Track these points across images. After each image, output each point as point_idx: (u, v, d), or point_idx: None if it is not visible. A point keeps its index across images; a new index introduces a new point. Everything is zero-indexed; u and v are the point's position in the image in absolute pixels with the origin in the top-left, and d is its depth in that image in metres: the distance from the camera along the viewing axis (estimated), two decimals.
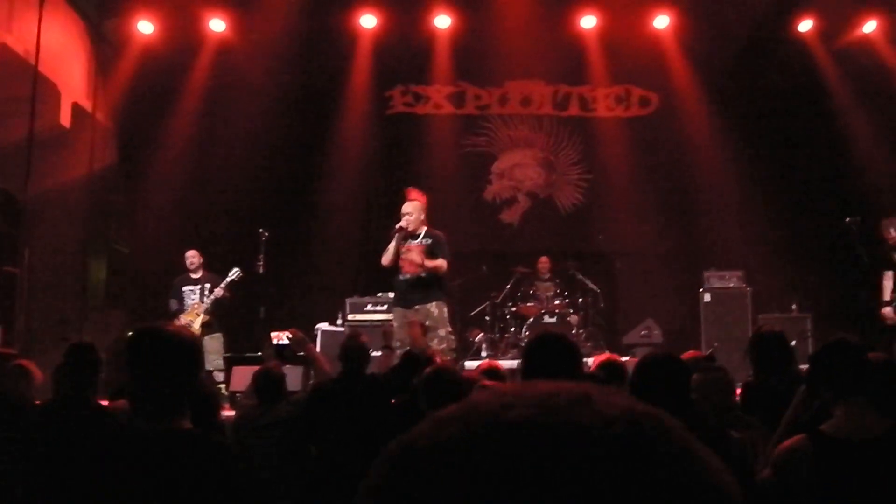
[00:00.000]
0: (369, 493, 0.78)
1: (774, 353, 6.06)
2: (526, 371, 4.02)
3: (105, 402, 6.21)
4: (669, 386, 4.20)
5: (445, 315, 10.33)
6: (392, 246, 10.30)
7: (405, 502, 0.75)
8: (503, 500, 0.71)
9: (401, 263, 10.34)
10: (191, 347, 3.28)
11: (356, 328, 11.95)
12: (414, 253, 10.20)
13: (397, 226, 10.28)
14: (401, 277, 10.34)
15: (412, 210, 10.33)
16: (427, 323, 9.97)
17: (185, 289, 12.50)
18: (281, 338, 11.43)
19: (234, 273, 12.23)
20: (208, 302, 12.25)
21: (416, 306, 10.18)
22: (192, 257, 12.57)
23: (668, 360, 4.39)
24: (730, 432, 4.55)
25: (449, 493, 0.73)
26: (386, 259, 10.31)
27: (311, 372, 9.90)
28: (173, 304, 12.48)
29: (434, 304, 10.18)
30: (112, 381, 10.95)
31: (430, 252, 10.28)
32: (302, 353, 8.16)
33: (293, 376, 9.99)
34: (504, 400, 0.78)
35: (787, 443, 4.00)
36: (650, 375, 4.30)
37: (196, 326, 11.90)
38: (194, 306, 12.33)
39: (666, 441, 0.77)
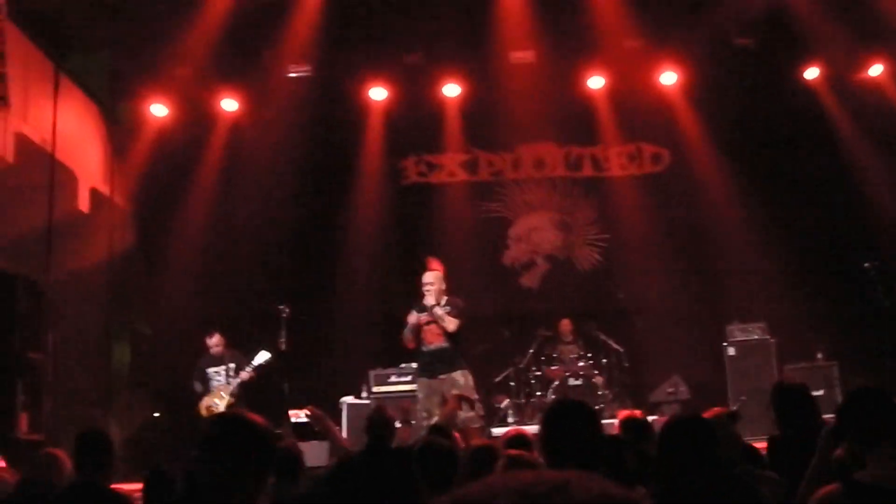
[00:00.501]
0: None
1: (797, 405, 6.01)
2: (546, 439, 3.99)
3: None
4: (696, 447, 4.19)
5: (471, 383, 10.39)
6: (412, 320, 10.47)
7: None
8: None
9: (423, 334, 10.44)
10: (267, 434, 3.30)
11: (381, 400, 11.95)
12: (438, 327, 10.31)
13: (423, 304, 10.43)
14: (424, 349, 10.43)
15: (433, 279, 10.47)
16: (453, 391, 9.92)
17: (209, 370, 12.53)
18: (299, 415, 11.41)
19: (262, 357, 12.23)
20: (234, 385, 12.25)
21: (442, 376, 10.27)
22: (215, 344, 12.59)
23: (693, 422, 4.39)
24: (760, 489, 4.51)
25: None
26: (409, 339, 10.50)
27: None
28: (198, 386, 12.50)
29: (459, 372, 10.28)
30: (133, 463, 10.98)
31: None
32: (319, 430, 8.11)
33: (319, 452, 9.98)
34: (491, 490, 0.83)
35: (823, 491, 3.99)
36: (676, 438, 4.29)
37: (222, 408, 11.89)
38: (220, 388, 12.33)
39: None
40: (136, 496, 6.38)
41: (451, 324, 10.33)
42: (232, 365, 12.44)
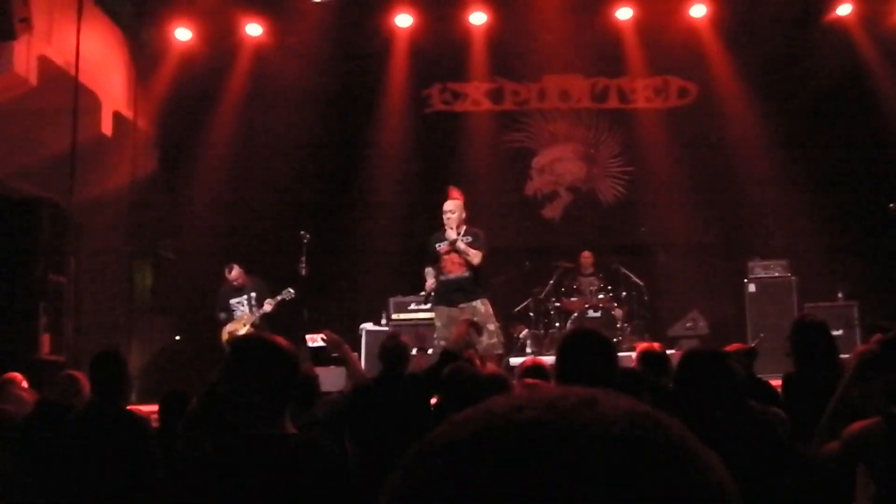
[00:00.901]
0: (389, 491, 0.83)
1: (817, 344, 5.95)
2: (561, 369, 4.00)
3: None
4: (713, 380, 4.21)
5: (490, 312, 10.45)
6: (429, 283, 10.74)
7: (421, 499, 0.80)
8: (510, 495, 0.76)
9: (443, 263, 10.52)
10: (290, 355, 3.42)
11: (398, 328, 12.02)
12: (459, 256, 10.35)
13: (448, 241, 10.47)
14: (444, 277, 10.50)
15: (454, 208, 10.46)
16: (474, 319, 9.76)
17: (232, 301, 12.63)
18: (315, 340, 11.48)
19: (287, 294, 12.33)
20: (257, 315, 12.36)
21: (462, 304, 10.32)
22: (235, 277, 12.66)
23: (710, 355, 4.41)
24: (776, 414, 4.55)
25: (461, 489, 0.78)
26: (429, 286, 10.77)
27: None
28: (221, 315, 12.62)
29: (479, 301, 10.35)
30: (153, 386, 11.11)
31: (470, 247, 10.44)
32: (336, 355, 8.16)
33: (335, 377, 10.04)
34: (516, 402, 0.83)
35: (859, 425, 4.04)
36: (693, 371, 4.31)
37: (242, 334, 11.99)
38: (242, 317, 12.45)
39: (664, 440, 0.81)
40: (154, 418, 6.46)
41: (476, 257, 10.34)
42: (253, 294, 12.55)
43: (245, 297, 12.58)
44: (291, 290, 12.34)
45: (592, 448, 0.78)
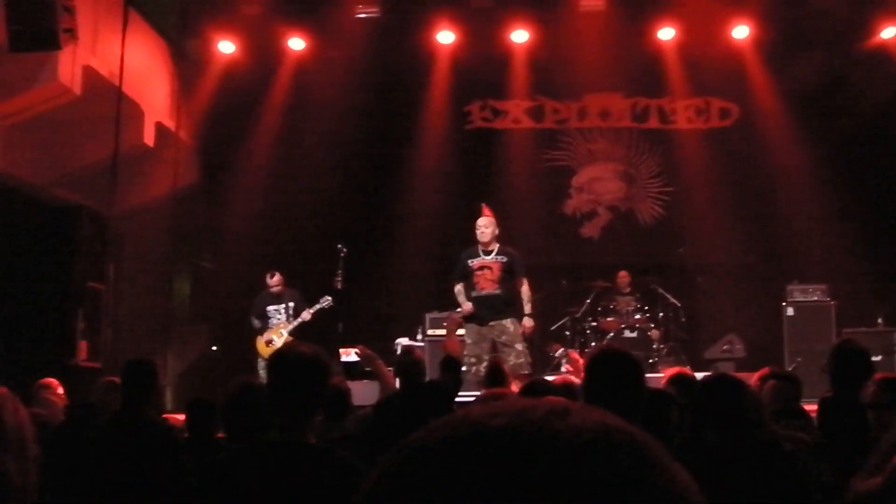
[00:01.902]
0: (361, 491, 0.85)
1: (856, 369, 5.85)
2: (588, 387, 3.99)
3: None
4: (728, 405, 4.19)
5: (520, 331, 10.47)
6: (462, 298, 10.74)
7: (394, 499, 0.81)
8: (475, 499, 0.77)
9: (475, 279, 10.58)
10: (322, 364, 3.53)
11: (434, 343, 12.14)
12: (491, 273, 10.50)
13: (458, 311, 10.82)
14: (476, 294, 10.55)
15: (487, 224, 10.64)
16: (503, 339, 10.24)
17: (269, 308, 12.68)
18: (349, 353, 11.55)
19: (325, 301, 12.39)
20: (295, 324, 12.41)
21: (491, 322, 10.39)
22: (275, 283, 12.74)
23: (723, 381, 4.40)
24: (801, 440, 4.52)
25: (427, 492, 0.79)
26: (465, 308, 10.69)
27: None
28: (256, 322, 12.68)
29: (509, 320, 10.42)
30: (189, 395, 11.18)
31: (507, 270, 10.58)
32: (370, 370, 8.30)
33: (368, 391, 10.06)
34: (490, 410, 0.85)
35: None
36: (709, 395, 4.31)
37: (279, 344, 12.03)
38: (279, 325, 12.51)
39: (632, 453, 0.81)
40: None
41: (528, 294, 10.68)
42: (291, 304, 12.61)
43: (283, 305, 12.65)
44: (329, 298, 12.40)
45: (559, 456, 0.79)
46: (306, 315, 12.40)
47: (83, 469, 5.27)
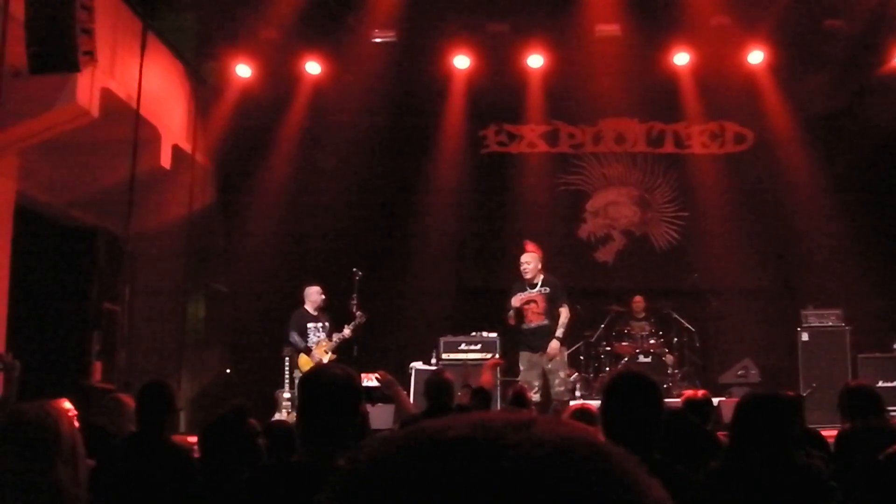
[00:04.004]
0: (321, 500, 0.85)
1: (865, 407, 6.19)
2: (606, 410, 3.99)
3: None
4: (773, 425, 4.17)
5: (566, 359, 11.64)
6: (512, 312, 11.46)
7: None
8: None
9: (524, 313, 11.42)
10: (355, 387, 3.54)
11: (449, 368, 12.06)
12: (537, 306, 11.36)
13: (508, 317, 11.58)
14: (526, 326, 11.41)
15: (530, 260, 11.50)
16: (549, 366, 11.24)
17: (309, 325, 12.53)
18: (370, 379, 11.54)
19: (360, 317, 12.38)
20: (336, 341, 12.34)
21: (541, 351, 11.27)
22: (322, 294, 12.66)
23: (772, 399, 4.37)
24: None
25: (381, 501, 0.79)
26: (510, 320, 11.50)
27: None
28: (294, 336, 12.41)
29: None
30: (202, 417, 11.16)
31: (551, 300, 11.42)
32: (388, 394, 8.28)
33: (384, 414, 10.09)
34: (447, 422, 0.84)
35: None
36: (754, 414, 4.28)
37: (326, 362, 11.99)
38: (321, 343, 12.41)
39: (596, 466, 0.80)
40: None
41: (566, 324, 11.52)
42: (327, 324, 12.53)
43: (321, 323, 12.56)
44: (360, 314, 12.39)
45: (515, 467, 0.78)
46: (347, 332, 12.34)
47: (100, 491, 5.26)
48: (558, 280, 11.64)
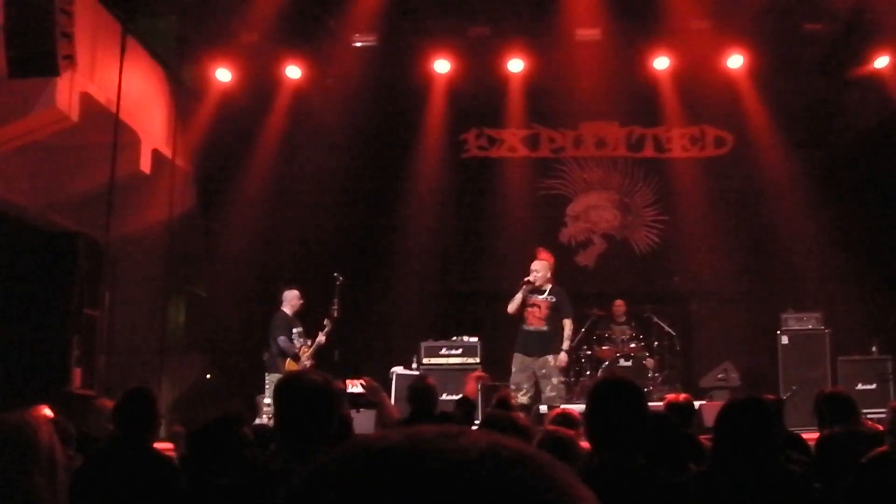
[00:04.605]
0: None
1: (837, 410, 6.30)
2: (590, 415, 3.98)
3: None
4: (756, 428, 4.18)
5: (560, 365, 11.58)
6: (518, 297, 11.49)
7: None
8: None
9: (526, 315, 11.49)
10: (333, 393, 3.56)
11: (431, 372, 12.04)
12: (539, 311, 11.48)
13: (525, 279, 11.53)
14: (525, 328, 11.51)
15: (540, 268, 11.63)
16: (542, 371, 11.38)
17: (294, 330, 12.43)
18: (355, 385, 11.56)
19: (328, 323, 12.29)
20: (315, 347, 12.28)
21: (536, 356, 11.43)
22: (300, 299, 12.54)
23: (754, 403, 4.38)
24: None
25: None
26: (512, 308, 11.51)
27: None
28: (283, 341, 12.19)
29: (551, 355, 11.49)
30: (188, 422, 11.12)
31: (555, 309, 11.55)
32: (373, 401, 8.27)
33: (366, 420, 10.08)
34: (384, 434, 0.89)
35: None
36: (737, 418, 4.29)
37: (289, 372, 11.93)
38: (303, 349, 12.36)
39: (522, 472, 0.84)
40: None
41: (569, 328, 11.73)
42: (301, 329, 12.47)
43: (300, 329, 12.50)
44: (328, 320, 12.30)
45: (442, 471, 0.81)
46: (321, 338, 12.27)
47: (79, 498, 5.23)
48: (565, 292, 11.78)
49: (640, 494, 3.48)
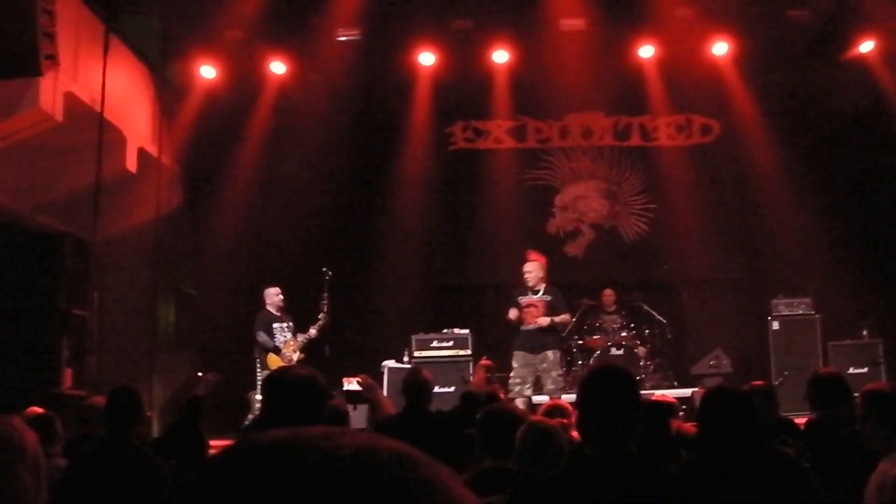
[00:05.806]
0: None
1: (833, 395, 6.27)
2: (583, 404, 3.96)
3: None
4: (734, 418, 4.19)
5: (559, 360, 11.95)
6: (514, 312, 11.73)
7: None
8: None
9: (524, 315, 11.67)
10: (320, 387, 3.56)
11: (423, 365, 12.04)
12: (536, 310, 11.65)
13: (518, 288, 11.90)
14: (523, 328, 11.71)
15: (532, 269, 11.83)
16: (543, 367, 11.62)
17: (275, 325, 12.51)
18: (352, 382, 11.65)
19: (324, 318, 12.36)
20: (302, 340, 12.33)
21: (537, 353, 11.66)
22: (280, 295, 12.65)
23: (730, 393, 4.40)
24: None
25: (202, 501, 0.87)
26: (512, 315, 11.71)
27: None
28: (262, 336, 12.38)
29: (551, 351, 11.74)
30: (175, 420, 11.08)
31: (551, 307, 11.75)
32: (369, 398, 8.27)
33: (362, 415, 10.14)
34: (274, 432, 0.92)
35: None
36: (715, 409, 4.31)
37: (295, 362, 11.97)
38: (289, 343, 12.38)
39: (395, 471, 0.86)
40: None
41: (565, 321, 12.39)
42: (292, 324, 12.53)
43: (286, 324, 12.55)
44: (324, 315, 12.37)
45: (316, 466, 0.85)
46: (312, 331, 12.35)
47: (67, 497, 5.21)
48: (559, 291, 11.94)
49: (632, 484, 3.47)
